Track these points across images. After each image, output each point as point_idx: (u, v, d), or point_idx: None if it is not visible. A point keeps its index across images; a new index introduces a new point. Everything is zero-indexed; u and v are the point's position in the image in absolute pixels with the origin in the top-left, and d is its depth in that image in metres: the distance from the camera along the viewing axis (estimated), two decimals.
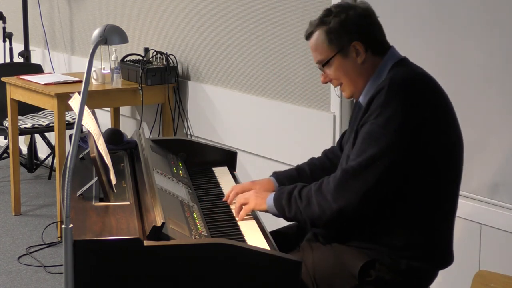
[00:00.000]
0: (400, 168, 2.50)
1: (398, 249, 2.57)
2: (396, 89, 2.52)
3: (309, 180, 2.91)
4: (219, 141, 4.80)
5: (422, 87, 2.57)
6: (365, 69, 2.64)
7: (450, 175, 2.60)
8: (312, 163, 3.00)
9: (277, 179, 2.95)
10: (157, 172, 2.93)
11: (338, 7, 2.68)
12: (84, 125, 2.73)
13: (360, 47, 2.62)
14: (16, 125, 5.36)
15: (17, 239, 4.99)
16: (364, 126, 2.53)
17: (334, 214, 2.52)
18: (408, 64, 2.66)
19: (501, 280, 2.55)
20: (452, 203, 2.64)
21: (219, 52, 4.85)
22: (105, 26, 2.62)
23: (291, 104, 4.36)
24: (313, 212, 2.56)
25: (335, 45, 2.64)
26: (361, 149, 2.51)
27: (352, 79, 2.66)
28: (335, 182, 2.53)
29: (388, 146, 2.48)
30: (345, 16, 2.63)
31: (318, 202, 2.55)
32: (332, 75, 2.67)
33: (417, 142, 2.50)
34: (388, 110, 2.49)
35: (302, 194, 2.60)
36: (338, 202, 2.51)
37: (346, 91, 2.70)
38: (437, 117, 2.54)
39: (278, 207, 2.66)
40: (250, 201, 2.74)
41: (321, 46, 2.66)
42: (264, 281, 2.42)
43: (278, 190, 2.70)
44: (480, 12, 3.39)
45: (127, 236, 2.39)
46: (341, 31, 2.63)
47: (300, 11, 4.23)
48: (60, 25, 6.28)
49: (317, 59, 2.69)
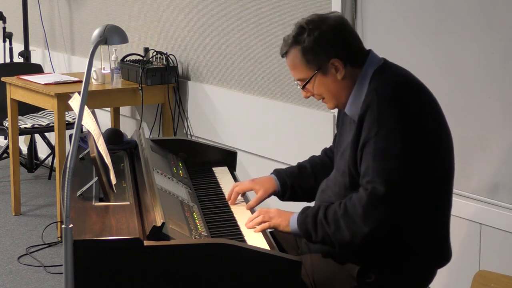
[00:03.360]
0: (413, 170, 2.49)
1: (397, 250, 2.57)
2: (385, 101, 2.49)
3: (311, 178, 2.91)
4: (219, 141, 4.80)
5: (409, 92, 2.54)
6: (346, 82, 2.61)
7: (444, 173, 2.60)
8: (313, 160, 2.99)
9: (278, 177, 2.94)
10: (157, 172, 2.93)
11: (310, 23, 2.61)
12: (84, 125, 2.74)
13: (338, 64, 2.58)
14: (16, 125, 5.36)
15: (17, 239, 4.99)
16: (368, 146, 2.50)
17: (365, 237, 2.49)
18: (388, 69, 2.62)
19: (501, 280, 2.55)
20: (448, 201, 2.65)
21: (219, 52, 4.85)
22: (105, 26, 2.62)
23: (291, 104, 4.36)
24: (344, 237, 2.51)
25: (313, 64, 2.59)
26: (377, 168, 2.47)
27: (334, 94, 2.63)
28: (363, 205, 2.47)
29: (400, 155, 2.46)
30: (318, 33, 2.58)
31: (348, 227, 2.50)
32: (314, 91, 2.65)
33: (417, 143, 2.50)
34: (385, 124, 2.47)
35: (328, 217, 2.54)
36: (369, 226, 2.47)
37: (329, 103, 2.68)
38: (427, 117, 2.53)
39: (303, 231, 2.60)
40: (273, 220, 2.67)
41: (299, 66, 2.62)
42: (264, 281, 2.42)
43: (301, 214, 2.62)
44: (480, 12, 3.39)
45: (127, 236, 2.39)
46: (317, 50, 2.58)
47: (300, 11, 4.22)
48: (60, 25, 6.28)
49: (296, 77, 2.66)
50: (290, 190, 2.92)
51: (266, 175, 2.98)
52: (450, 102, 3.37)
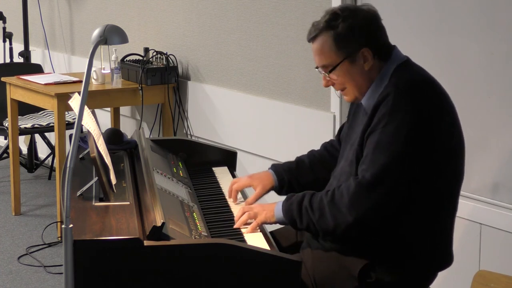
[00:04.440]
0: (411, 175, 2.49)
1: (399, 251, 2.57)
2: (401, 96, 2.49)
3: (308, 172, 2.91)
4: (219, 141, 4.80)
5: (427, 91, 2.55)
6: (371, 74, 2.60)
7: (452, 177, 2.60)
8: (312, 154, 2.98)
9: (275, 172, 2.93)
10: (157, 172, 2.93)
11: (345, 10, 2.60)
12: (84, 125, 2.74)
13: (368, 54, 2.57)
14: (16, 125, 5.36)
15: (17, 239, 4.99)
16: (373, 135, 2.50)
17: (349, 226, 2.49)
18: (410, 67, 2.63)
19: (501, 280, 2.55)
20: (454, 204, 2.64)
21: (219, 52, 4.85)
22: (105, 26, 2.62)
23: (291, 104, 4.36)
24: (328, 225, 2.52)
25: (343, 51, 2.57)
26: (373, 159, 2.48)
27: (358, 84, 2.61)
28: (349, 194, 2.48)
29: (399, 154, 2.46)
30: (353, 21, 2.56)
31: (333, 215, 2.51)
32: (337, 80, 2.62)
33: (425, 147, 2.49)
34: (396, 118, 2.47)
35: (313, 205, 2.56)
36: (353, 215, 2.47)
37: (349, 95, 2.65)
38: (442, 120, 2.53)
39: (288, 219, 2.61)
40: (258, 215, 2.67)
41: (327, 51, 2.59)
42: (264, 281, 2.42)
43: (286, 201, 2.63)
44: (480, 12, 3.39)
45: (127, 236, 2.39)
46: (350, 37, 2.56)
47: (300, 11, 4.22)
48: (60, 25, 6.28)
49: (321, 63, 2.62)
50: (287, 185, 2.91)
51: (263, 171, 2.98)
52: None
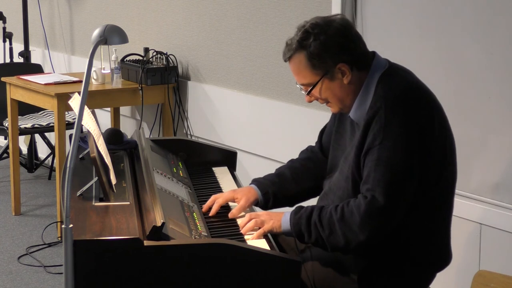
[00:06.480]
0: (416, 183, 2.49)
1: (398, 253, 2.58)
2: (392, 109, 2.48)
3: (291, 184, 2.86)
4: (219, 141, 4.80)
5: (416, 99, 2.53)
6: (352, 86, 2.57)
7: (449, 176, 2.60)
8: (291, 166, 2.92)
9: (258, 187, 2.85)
10: (157, 172, 2.93)
11: (315, 27, 2.54)
12: (84, 125, 2.74)
13: (345, 68, 2.54)
14: (16, 125, 5.36)
15: (17, 239, 4.99)
16: (371, 153, 2.48)
17: (361, 244, 2.48)
18: (395, 73, 2.59)
19: (501, 280, 2.55)
20: (449, 206, 2.65)
21: (219, 52, 4.85)
22: (105, 26, 2.62)
23: (291, 104, 4.36)
24: (338, 242, 2.50)
25: (319, 69, 2.54)
26: (377, 177, 2.46)
27: (340, 98, 2.59)
28: (361, 214, 2.46)
29: (402, 167, 2.45)
30: (325, 38, 2.52)
31: (343, 233, 2.49)
32: (319, 95, 2.60)
33: (424, 154, 2.49)
34: (391, 132, 2.46)
35: (322, 220, 2.53)
36: (366, 234, 2.46)
37: (334, 107, 2.64)
38: (435, 124, 2.52)
39: (296, 232, 2.58)
40: (265, 223, 2.63)
41: (304, 71, 2.56)
42: (264, 281, 2.42)
43: (295, 215, 2.59)
44: (480, 12, 3.39)
45: (127, 236, 2.39)
46: (324, 55, 2.52)
47: (300, 11, 4.22)
48: (60, 25, 6.28)
49: (300, 82, 2.60)
50: (272, 198, 2.85)
51: (246, 186, 2.92)
52: (450, 102, 3.36)
